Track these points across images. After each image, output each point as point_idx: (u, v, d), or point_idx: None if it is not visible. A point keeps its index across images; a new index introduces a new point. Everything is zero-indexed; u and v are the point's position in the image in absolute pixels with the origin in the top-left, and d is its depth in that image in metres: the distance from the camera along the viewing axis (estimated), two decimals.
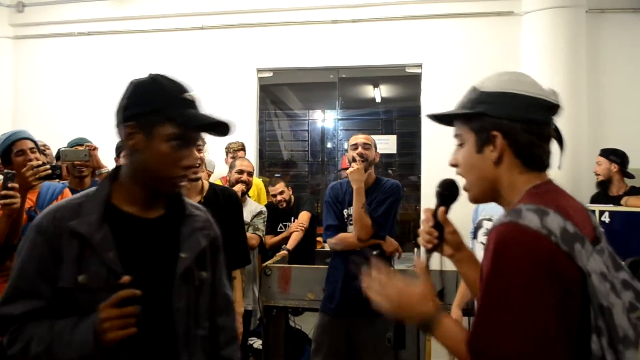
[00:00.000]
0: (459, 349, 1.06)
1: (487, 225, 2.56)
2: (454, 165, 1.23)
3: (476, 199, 1.22)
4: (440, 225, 1.31)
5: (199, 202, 2.45)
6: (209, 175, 4.56)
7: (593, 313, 0.99)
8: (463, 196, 1.31)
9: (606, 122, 5.09)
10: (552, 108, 1.21)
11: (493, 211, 2.42)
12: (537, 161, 1.16)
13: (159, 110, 1.25)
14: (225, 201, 2.55)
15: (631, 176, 4.20)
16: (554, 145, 1.23)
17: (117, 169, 1.37)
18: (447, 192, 1.33)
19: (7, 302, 1.25)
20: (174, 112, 1.25)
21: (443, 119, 1.26)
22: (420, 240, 1.34)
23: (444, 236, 1.31)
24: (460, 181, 1.27)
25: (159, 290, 1.29)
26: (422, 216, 1.37)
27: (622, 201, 3.99)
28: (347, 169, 2.99)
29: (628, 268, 2.50)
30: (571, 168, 4.86)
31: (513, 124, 1.12)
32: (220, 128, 1.31)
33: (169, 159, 1.26)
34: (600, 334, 0.98)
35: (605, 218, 3.62)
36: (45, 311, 1.24)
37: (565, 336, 0.98)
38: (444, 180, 1.35)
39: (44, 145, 3.56)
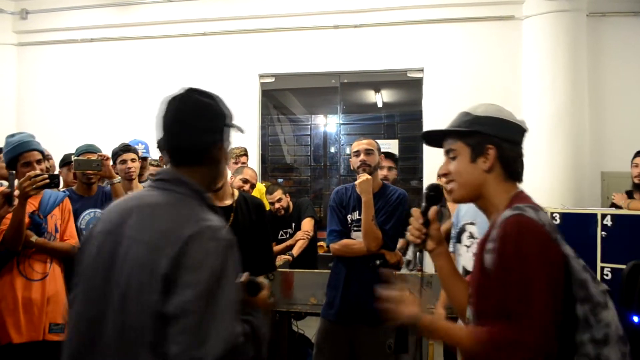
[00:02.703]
0: (455, 337, 1.35)
1: (471, 229, 2.61)
2: (444, 175, 1.51)
3: (460, 199, 1.51)
4: (428, 222, 1.54)
5: (230, 206, 2.53)
6: None
7: (575, 286, 1.28)
8: None
9: (608, 125, 5.10)
10: (524, 133, 1.55)
11: (474, 216, 2.49)
12: (516, 173, 1.48)
13: (228, 125, 1.55)
14: (253, 208, 2.61)
15: None
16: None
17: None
18: (434, 194, 1.60)
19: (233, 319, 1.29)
20: (231, 123, 1.55)
21: (431, 139, 1.56)
22: (410, 236, 1.55)
23: (429, 232, 1.54)
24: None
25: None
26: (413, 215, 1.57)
27: (624, 204, 3.98)
28: None
29: (631, 271, 2.62)
30: (574, 169, 4.87)
31: (502, 142, 1.45)
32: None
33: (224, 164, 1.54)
34: (583, 302, 1.28)
35: (608, 221, 3.62)
36: None
37: (554, 304, 1.24)
38: (431, 184, 1.64)
39: (47, 155, 3.57)
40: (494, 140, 1.44)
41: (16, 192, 2.39)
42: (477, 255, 1.42)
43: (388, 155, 3.97)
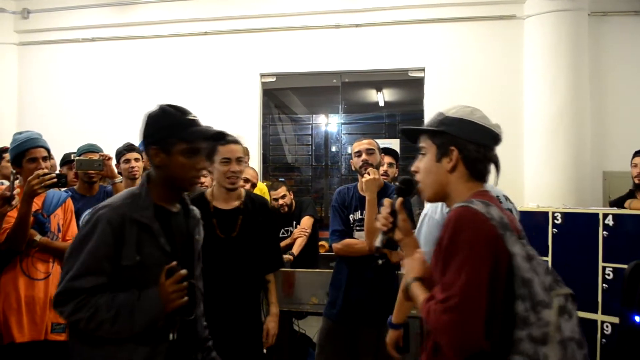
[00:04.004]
0: (418, 304, 1.44)
1: None
2: (414, 171, 1.57)
3: (429, 198, 1.57)
4: (395, 213, 1.61)
5: (238, 207, 2.56)
6: (213, 180, 4.57)
7: (517, 284, 1.32)
8: None
9: (609, 124, 5.09)
10: (496, 138, 1.53)
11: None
12: (480, 174, 1.50)
13: (172, 134, 1.67)
14: (259, 208, 2.68)
15: None
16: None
17: (149, 175, 1.76)
18: (405, 187, 1.69)
19: (78, 277, 1.56)
20: (183, 133, 1.67)
21: (410, 135, 1.62)
22: (378, 223, 1.63)
23: (397, 222, 1.61)
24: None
25: (188, 263, 1.74)
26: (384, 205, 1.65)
27: (626, 204, 3.98)
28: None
29: (632, 270, 2.60)
30: (575, 169, 4.87)
31: (467, 143, 1.47)
32: (220, 136, 1.76)
33: (186, 166, 1.69)
34: (524, 299, 1.31)
35: (609, 221, 3.62)
36: (107, 286, 1.59)
37: (490, 296, 1.28)
38: (404, 177, 1.71)
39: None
40: (458, 141, 1.47)
41: (16, 191, 2.39)
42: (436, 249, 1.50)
43: (389, 152, 3.96)
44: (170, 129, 1.68)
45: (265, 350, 2.75)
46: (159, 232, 1.66)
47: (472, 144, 1.48)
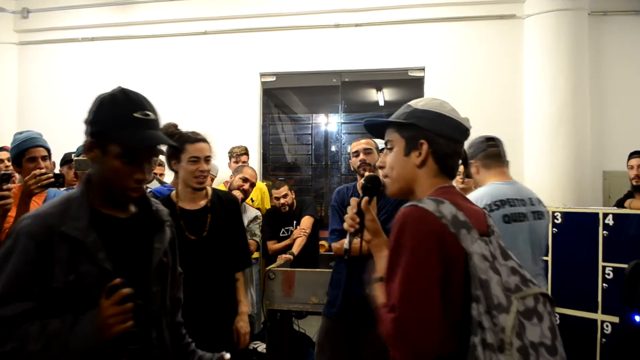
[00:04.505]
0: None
1: None
2: (380, 167, 1.50)
3: (394, 194, 1.49)
4: (361, 212, 1.52)
5: (205, 207, 2.51)
6: (212, 180, 4.57)
7: (473, 285, 1.22)
8: None
9: (609, 123, 5.09)
10: (465, 132, 1.45)
11: None
12: (449, 169, 1.42)
13: (108, 131, 1.38)
14: (228, 205, 2.63)
15: None
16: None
17: (89, 176, 1.48)
18: (371, 185, 1.58)
19: (0, 304, 1.29)
20: (119, 134, 1.37)
21: (373, 129, 1.54)
22: (345, 225, 1.55)
23: (364, 223, 1.52)
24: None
25: (140, 279, 1.45)
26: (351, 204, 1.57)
27: (626, 204, 3.98)
28: None
29: (633, 270, 2.56)
30: (575, 168, 4.86)
31: (437, 137, 1.39)
32: (170, 146, 1.50)
33: (120, 173, 1.40)
34: (478, 302, 1.21)
35: (609, 220, 3.62)
36: (36, 312, 1.31)
37: (444, 300, 1.20)
38: (369, 175, 1.63)
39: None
40: (427, 135, 1.39)
41: (12, 191, 2.39)
42: None
43: None
44: (109, 123, 1.39)
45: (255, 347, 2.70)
46: (95, 246, 1.36)
47: (442, 138, 1.39)
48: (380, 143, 3.26)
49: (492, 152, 2.51)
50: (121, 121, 1.38)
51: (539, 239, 2.46)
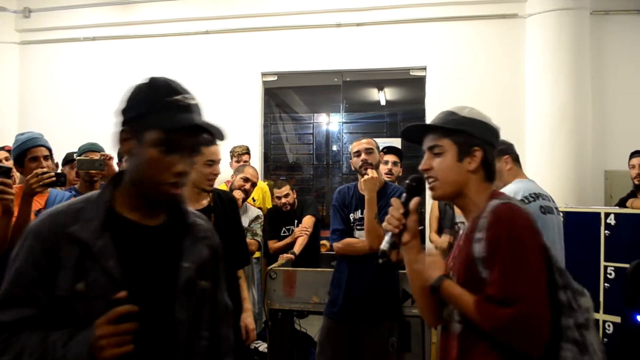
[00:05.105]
0: (464, 303, 1.38)
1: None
2: (425, 170, 1.52)
3: (442, 197, 1.55)
4: (408, 213, 1.53)
5: (208, 206, 2.52)
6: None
7: (556, 274, 1.36)
8: None
9: (611, 123, 5.08)
10: (498, 139, 1.58)
11: None
12: (493, 176, 1.53)
13: (145, 115, 1.23)
14: (228, 204, 2.67)
15: None
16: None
17: (120, 173, 1.32)
18: (416, 185, 1.58)
19: (1, 307, 1.17)
20: (158, 117, 1.22)
21: (411, 133, 1.59)
22: (388, 225, 1.53)
23: (407, 223, 1.53)
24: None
25: (161, 300, 1.25)
26: (393, 204, 1.55)
27: (628, 203, 3.98)
28: None
29: (634, 269, 2.60)
30: (577, 168, 4.86)
31: (486, 146, 1.50)
32: (213, 133, 1.29)
33: (158, 165, 1.22)
34: (565, 289, 1.36)
35: (611, 220, 3.61)
36: (39, 319, 1.17)
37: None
38: (415, 175, 1.60)
39: None
40: (479, 143, 1.49)
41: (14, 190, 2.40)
42: (463, 249, 1.45)
43: (393, 151, 3.96)
44: (146, 108, 1.24)
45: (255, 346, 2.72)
46: (104, 251, 1.19)
47: (489, 146, 1.51)
48: (381, 143, 3.26)
49: (517, 154, 2.87)
50: (160, 105, 1.24)
51: (561, 232, 2.82)
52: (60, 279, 1.17)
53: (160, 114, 1.22)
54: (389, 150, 3.94)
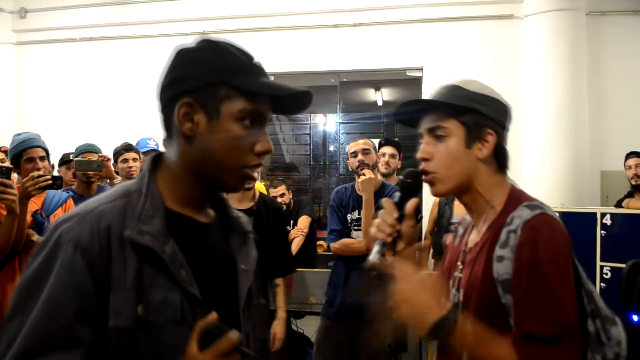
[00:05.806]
0: (491, 350, 1.03)
1: None
2: (425, 159, 1.19)
3: (445, 193, 1.21)
4: (402, 217, 1.18)
5: (250, 209, 2.53)
6: None
7: (585, 298, 1.08)
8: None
9: (607, 123, 5.09)
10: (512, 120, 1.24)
11: None
12: (506, 165, 1.22)
13: (225, 81, 0.93)
14: (272, 212, 2.67)
15: None
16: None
17: (157, 158, 1.01)
18: (411, 181, 1.22)
19: (31, 354, 0.80)
20: (243, 81, 0.93)
21: (404, 117, 1.28)
22: (379, 233, 1.17)
23: (401, 230, 1.18)
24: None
25: (228, 315, 0.95)
26: (385, 207, 1.21)
27: (624, 204, 3.99)
28: None
29: (630, 269, 2.47)
30: (573, 168, 4.87)
31: (499, 127, 1.19)
32: (298, 102, 1.04)
33: (240, 143, 0.94)
34: (594, 317, 1.08)
35: (607, 220, 3.62)
36: None
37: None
38: (410, 170, 1.24)
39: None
40: (492, 125, 1.17)
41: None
42: (476, 265, 1.16)
43: (391, 143, 3.95)
44: (222, 72, 0.93)
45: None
46: (176, 260, 0.89)
47: (501, 128, 1.18)
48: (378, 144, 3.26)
49: None
50: (239, 67, 0.95)
51: None
52: (114, 303, 0.84)
53: (246, 78, 0.94)
54: (386, 142, 3.93)
